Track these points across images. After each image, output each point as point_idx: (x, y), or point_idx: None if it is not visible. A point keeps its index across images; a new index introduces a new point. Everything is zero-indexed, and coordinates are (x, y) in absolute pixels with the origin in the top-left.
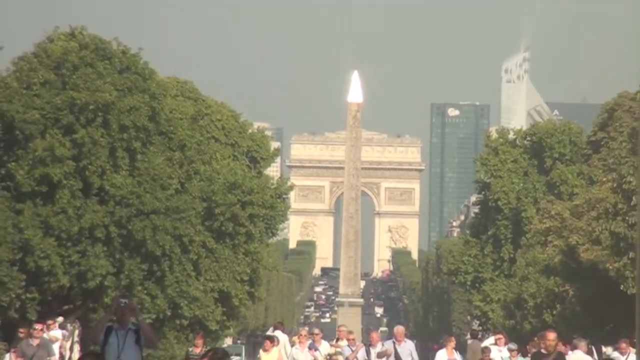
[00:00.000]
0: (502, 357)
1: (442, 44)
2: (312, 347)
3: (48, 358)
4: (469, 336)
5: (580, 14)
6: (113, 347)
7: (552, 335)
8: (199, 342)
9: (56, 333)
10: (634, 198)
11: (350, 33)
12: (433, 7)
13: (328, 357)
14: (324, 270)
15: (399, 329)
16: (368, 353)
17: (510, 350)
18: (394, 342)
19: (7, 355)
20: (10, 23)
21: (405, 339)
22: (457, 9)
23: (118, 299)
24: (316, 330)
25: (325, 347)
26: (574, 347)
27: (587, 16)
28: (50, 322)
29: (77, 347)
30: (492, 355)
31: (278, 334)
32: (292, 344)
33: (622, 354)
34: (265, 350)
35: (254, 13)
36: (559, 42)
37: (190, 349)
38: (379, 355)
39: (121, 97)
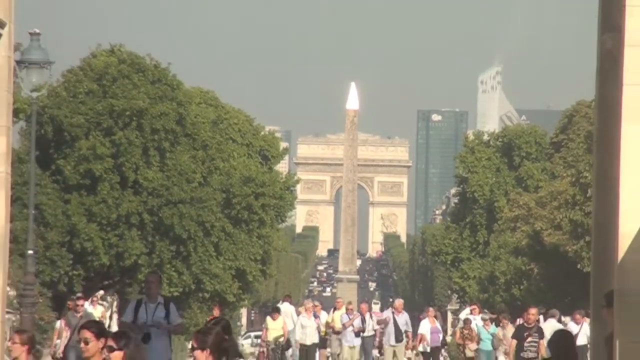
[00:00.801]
0: (476, 325)
1: (427, 59)
2: (315, 316)
3: None
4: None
5: (545, 33)
6: (143, 320)
7: (533, 310)
8: (216, 312)
9: (97, 311)
10: (589, 190)
11: (348, 49)
12: (420, 28)
13: (327, 324)
14: (330, 252)
15: (399, 301)
16: (363, 321)
17: (483, 319)
18: (392, 313)
19: (58, 322)
20: (60, 41)
21: (402, 311)
22: (440, 29)
23: (150, 274)
24: (316, 303)
25: (324, 316)
26: (549, 317)
27: (551, 33)
28: (94, 298)
29: (115, 317)
30: (472, 327)
31: (286, 305)
32: (299, 314)
33: (576, 323)
34: (272, 319)
35: (267, 33)
36: (527, 56)
37: (209, 318)
38: (379, 322)
39: (153, 104)
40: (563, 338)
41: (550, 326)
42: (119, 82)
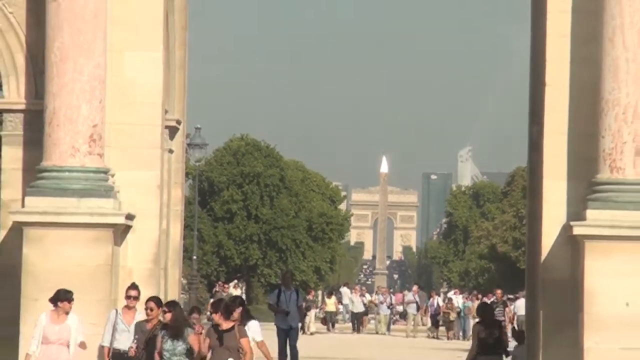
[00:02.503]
0: (457, 301)
1: (428, 139)
2: (362, 295)
3: None
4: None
5: (506, 120)
6: (283, 303)
7: (499, 291)
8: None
9: (237, 291)
10: (524, 220)
11: (382, 131)
12: (420, 117)
13: (370, 302)
14: (372, 257)
15: (415, 287)
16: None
17: (464, 298)
18: (413, 294)
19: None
20: (211, 131)
21: (417, 292)
22: (434, 117)
23: (286, 272)
24: (363, 287)
25: (367, 297)
26: (520, 297)
27: (509, 120)
28: (226, 285)
29: (244, 295)
30: (453, 303)
31: (344, 289)
32: (352, 293)
33: (497, 299)
34: (328, 298)
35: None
36: (488, 137)
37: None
38: (407, 302)
39: (266, 170)
40: (482, 306)
41: (520, 302)
42: (246, 156)
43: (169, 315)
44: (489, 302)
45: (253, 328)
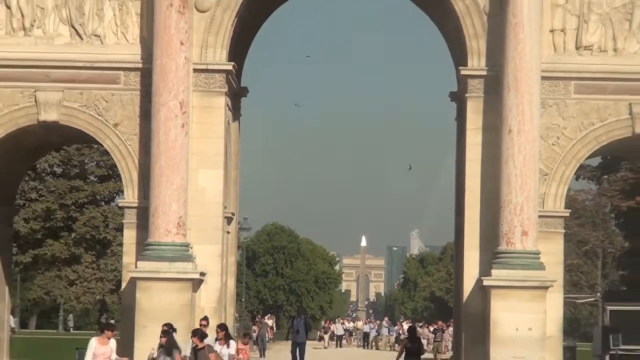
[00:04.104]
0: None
1: (388, 222)
2: (343, 324)
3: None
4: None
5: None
6: (295, 326)
7: (440, 321)
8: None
9: (270, 321)
10: (452, 276)
11: (362, 216)
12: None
13: (353, 328)
14: (357, 299)
15: (386, 318)
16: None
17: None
18: (385, 323)
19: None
20: (253, 216)
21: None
22: (394, 203)
23: (298, 307)
24: (345, 318)
25: (346, 325)
26: (449, 326)
27: (444, 208)
28: (263, 318)
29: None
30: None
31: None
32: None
33: (438, 326)
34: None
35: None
36: (431, 221)
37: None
38: (383, 327)
39: (288, 243)
40: (410, 329)
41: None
42: (275, 236)
43: (164, 340)
44: (420, 325)
45: (232, 345)
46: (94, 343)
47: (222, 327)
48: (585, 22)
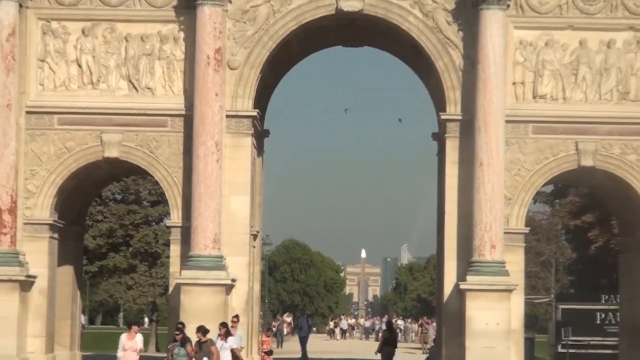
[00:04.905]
0: (400, 323)
1: (385, 239)
2: (347, 320)
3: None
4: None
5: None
6: (299, 323)
7: (425, 317)
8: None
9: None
10: (435, 281)
11: (362, 232)
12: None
13: (355, 323)
14: (358, 300)
15: (386, 317)
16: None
17: (405, 321)
18: (383, 320)
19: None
20: (274, 233)
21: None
22: (388, 219)
23: (303, 309)
24: (349, 316)
25: (349, 321)
26: (433, 321)
27: (429, 224)
28: (282, 315)
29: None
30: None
31: (342, 318)
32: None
33: (424, 322)
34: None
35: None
36: (419, 236)
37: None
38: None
39: (302, 255)
40: (387, 322)
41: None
42: (292, 249)
43: (179, 336)
44: (409, 321)
45: (231, 340)
46: (123, 338)
47: (223, 324)
48: (540, 76)
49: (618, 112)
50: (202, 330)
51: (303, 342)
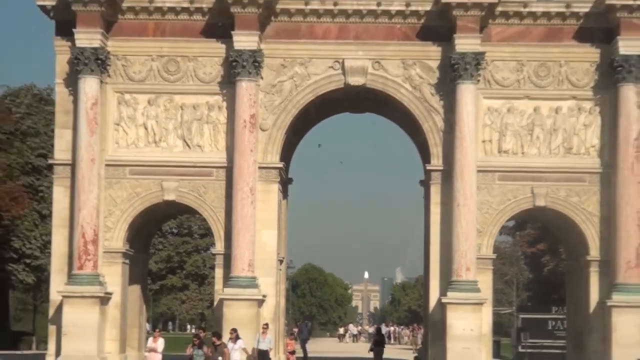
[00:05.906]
0: (395, 329)
1: (383, 262)
2: (355, 327)
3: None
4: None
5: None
6: (304, 327)
7: (410, 325)
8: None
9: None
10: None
11: (364, 255)
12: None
13: (361, 329)
14: (361, 312)
15: (388, 324)
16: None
17: (399, 328)
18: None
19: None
20: (296, 257)
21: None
22: (383, 242)
23: (305, 318)
24: (356, 323)
25: (357, 328)
26: (421, 328)
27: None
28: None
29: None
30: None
31: (351, 325)
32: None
33: (413, 328)
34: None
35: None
36: (411, 259)
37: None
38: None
39: (318, 276)
40: (376, 328)
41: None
42: (310, 271)
43: (197, 342)
44: (401, 327)
45: (239, 343)
46: (150, 341)
47: (233, 330)
48: (504, 135)
49: (564, 164)
50: (216, 335)
51: (303, 343)
